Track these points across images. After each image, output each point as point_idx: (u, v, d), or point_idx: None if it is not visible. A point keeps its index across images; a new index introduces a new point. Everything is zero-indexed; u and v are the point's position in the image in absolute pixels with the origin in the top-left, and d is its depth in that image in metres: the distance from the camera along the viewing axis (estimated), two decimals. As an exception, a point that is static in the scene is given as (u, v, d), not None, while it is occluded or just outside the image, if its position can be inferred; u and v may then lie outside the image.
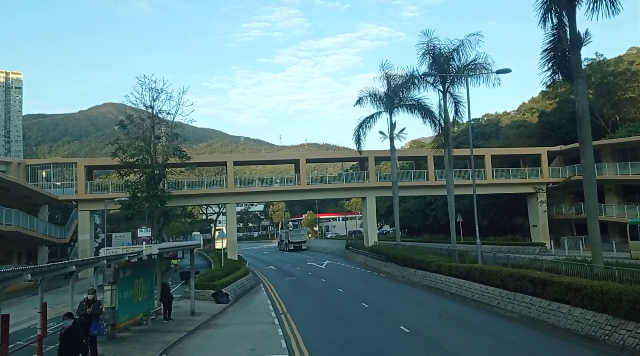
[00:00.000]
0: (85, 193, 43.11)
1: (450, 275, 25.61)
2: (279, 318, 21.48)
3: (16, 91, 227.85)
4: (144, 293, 19.81)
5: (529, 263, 21.84)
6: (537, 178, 50.10)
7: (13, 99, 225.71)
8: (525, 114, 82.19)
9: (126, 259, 15.66)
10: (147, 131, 38.94)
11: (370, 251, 44.53)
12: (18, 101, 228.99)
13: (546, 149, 50.73)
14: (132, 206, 38.18)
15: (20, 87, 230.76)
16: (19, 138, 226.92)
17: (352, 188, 49.18)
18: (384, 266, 38.14)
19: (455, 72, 30.99)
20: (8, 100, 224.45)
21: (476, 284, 22.47)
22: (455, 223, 32.58)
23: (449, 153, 32.58)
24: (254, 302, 27.03)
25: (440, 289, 26.00)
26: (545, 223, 49.44)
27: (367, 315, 20.93)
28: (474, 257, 27.56)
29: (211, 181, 48.21)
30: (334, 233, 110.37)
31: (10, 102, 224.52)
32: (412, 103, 41.50)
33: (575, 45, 18.61)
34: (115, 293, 17.22)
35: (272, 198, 57.60)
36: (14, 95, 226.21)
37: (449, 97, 32.77)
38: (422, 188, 50.25)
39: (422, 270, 29.66)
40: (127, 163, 37.88)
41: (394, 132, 42.82)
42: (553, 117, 56.74)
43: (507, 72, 26.32)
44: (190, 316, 21.84)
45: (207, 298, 26.82)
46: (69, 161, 47.18)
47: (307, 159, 49.25)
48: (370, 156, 48.57)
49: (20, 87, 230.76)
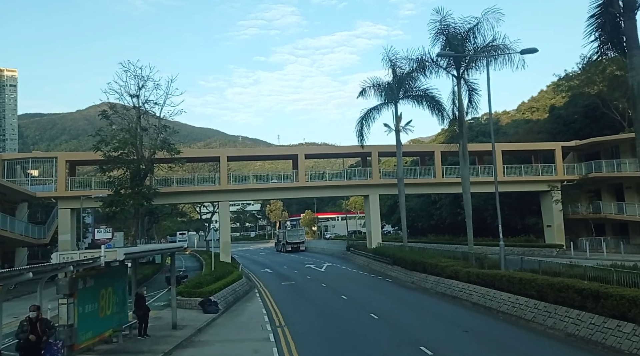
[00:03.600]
0: (66, 190, 39.85)
1: (469, 282, 22.49)
2: (274, 332, 18.36)
3: (11, 89, 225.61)
4: (113, 305, 16.61)
5: (566, 270, 18.71)
6: (551, 175, 47.00)
7: (8, 97, 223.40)
8: (525, 113, 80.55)
9: (71, 269, 12.41)
10: (132, 121, 35.72)
11: (374, 253, 41.36)
12: (13, 99, 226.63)
13: (560, 145, 47.63)
14: (115, 203, 35.00)
15: (15, 85, 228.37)
16: (14, 137, 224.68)
17: (354, 185, 46.01)
18: (389, 270, 35.00)
19: (473, 53, 27.79)
20: (2, 98, 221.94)
21: (503, 293, 19.36)
22: (472, 223, 29.43)
23: (463, 145, 29.48)
24: (247, 311, 23.86)
25: (457, 298, 22.86)
26: (560, 223, 46.38)
27: (377, 329, 17.81)
28: (494, 261, 24.52)
29: (202, 177, 44.92)
30: (333, 233, 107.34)
31: (5, 100, 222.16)
32: (419, 93, 38.62)
33: (629, 9, 15.49)
34: (72, 308, 14.04)
35: (269, 195, 54.42)
36: (8, 93, 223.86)
37: (463, 84, 29.65)
38: (429, 185, 47.17)
39: (435, 276, 26.52)
40: (110, 157, 34.70)
41: (400, 125, 39.71)
42: (565, 111, 53.67)
43: (534, 52, 23.12)
44: (170, 331, 18.66)
45: (194, 307, 23.68)
46: (49, 156, 43.85)
47: (306, 154, 46.10)
48: (374, 151, 45.45)
49: (15, 85, 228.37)
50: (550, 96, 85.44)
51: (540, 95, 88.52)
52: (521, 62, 27.07)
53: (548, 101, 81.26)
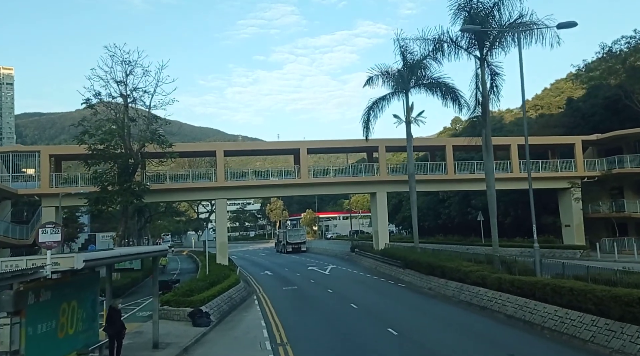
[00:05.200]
0: (50, 187, 36.81)
1: (501, 291, 19.43)
2: (274, 352, 15.39)
3: (7, 87, 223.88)
4: (78, 322, 13.55)
5: (623, 277, 15.69)
6: (571, 171, 43.89)
7: (5, 95, 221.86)
8: (529, 112, 77.94)
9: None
10: (119, 111, 32.67)
11: (382, 255, 38.30)
12: (10, 97, 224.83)
13: (581, 138, 44.54)
14: (101, 201, 31.98)
15: (11, 83, 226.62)
16: (11, 135, 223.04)
17: (360, 182, 42.86)
18: (401, 274, 31.94)
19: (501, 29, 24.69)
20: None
21: (547, 305, 16.31)
22: (496, 221, 26.37)
23: (486, 135, 26.38)
24: (244, 324, 20.81)
25: (487, 309, 19.79)
26: (580, 222, 43.35)
27: (398, 349, 14.81)
28: (525, 265, 21.49)
29: (198, 174, 41.83)
30: (335, 233, 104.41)
31: (2, 99, 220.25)
32: (432, 81, 35.64)
33: None
34: (19, 328, 11.01)
35: (269, 193, 51.18)
36: (5, 91, 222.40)
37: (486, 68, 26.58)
38: (440, 182, 44.10)
39: (457, 281, 23.46)
40: (95, 150, 31.66)
41: (412, 116, 36.67)
42: (584, 104, 50.59)
43: (573, 27, 20.20)
44: (151, 352, 15.69)
45: (182, 319, 20.69)
46: (31, 150, 40.74)
47: (309, 149, 42.81)
48: (381, 145, 42.38)
49: (11, 83, 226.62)
50: (555, 94, 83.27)
51: (544, 93, 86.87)
52: (555, 38, 24.02)
53: (552, 98, 79.43)
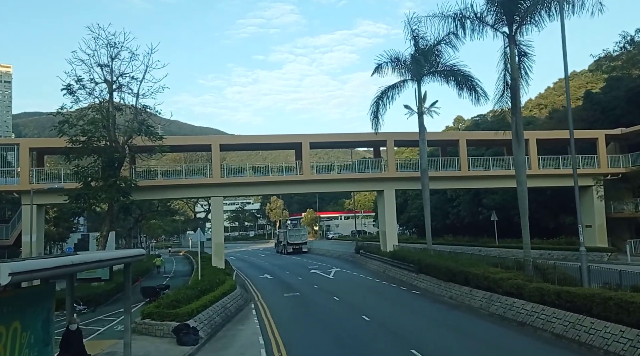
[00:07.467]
0: (30, 183, 33.76)
1: (543, 303, 16.37)
2: (275, 382, 12.36)
3: (5, 85, 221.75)
4: (23, 349, 10.50)
5: None
6: (593, 168, 40.83)
7: (2, 93, 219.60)
8: (532, 110, 76.60)
9: None
10: (103, 98, 29.57)
11: (391, 257, 35.24)
12: (7, 96, 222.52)
13: (604, 132, 41.46)
14: (83, 198, 28.90)
15: (9, 81, 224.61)
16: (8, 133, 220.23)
17: (366, 178, 39.77)
18: (415, 279, 28.86)
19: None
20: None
21: (609, 324, 13.26)
22: (526, 221, 23.46)
23: (517, 123, 23.35)
24: (238, 341, 17.69)
25: (527, 325, 16.70)
26: (602, 222, 40.36)
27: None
28: (564, 272, 18.57)
29: (192, 169, 38.74)
30: (336, 233, 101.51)
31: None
32: (446, 69, 32.71)
33: None
34: None
35: (268, 190, 48.06)
36: (3, 89, 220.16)
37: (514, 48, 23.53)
38: (453, 179, 40.99)
39: (484, 290, 20.41)
40: (77, 142, 28.57)
41: (424, 106, 33.64)
42: (604, 97, 47.51)
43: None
44: (120, 382, 12.64)
45: (166, 334, 17.65)
46: (10, 143, 37.71)
47: (311, 143, 39.69)
48: (389, 139, 39.29)
49: (9, 81, 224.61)
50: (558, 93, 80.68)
51: (547, 92, 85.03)
52: (597, 6, 21.02)
53: (556, 97, 77.17)
